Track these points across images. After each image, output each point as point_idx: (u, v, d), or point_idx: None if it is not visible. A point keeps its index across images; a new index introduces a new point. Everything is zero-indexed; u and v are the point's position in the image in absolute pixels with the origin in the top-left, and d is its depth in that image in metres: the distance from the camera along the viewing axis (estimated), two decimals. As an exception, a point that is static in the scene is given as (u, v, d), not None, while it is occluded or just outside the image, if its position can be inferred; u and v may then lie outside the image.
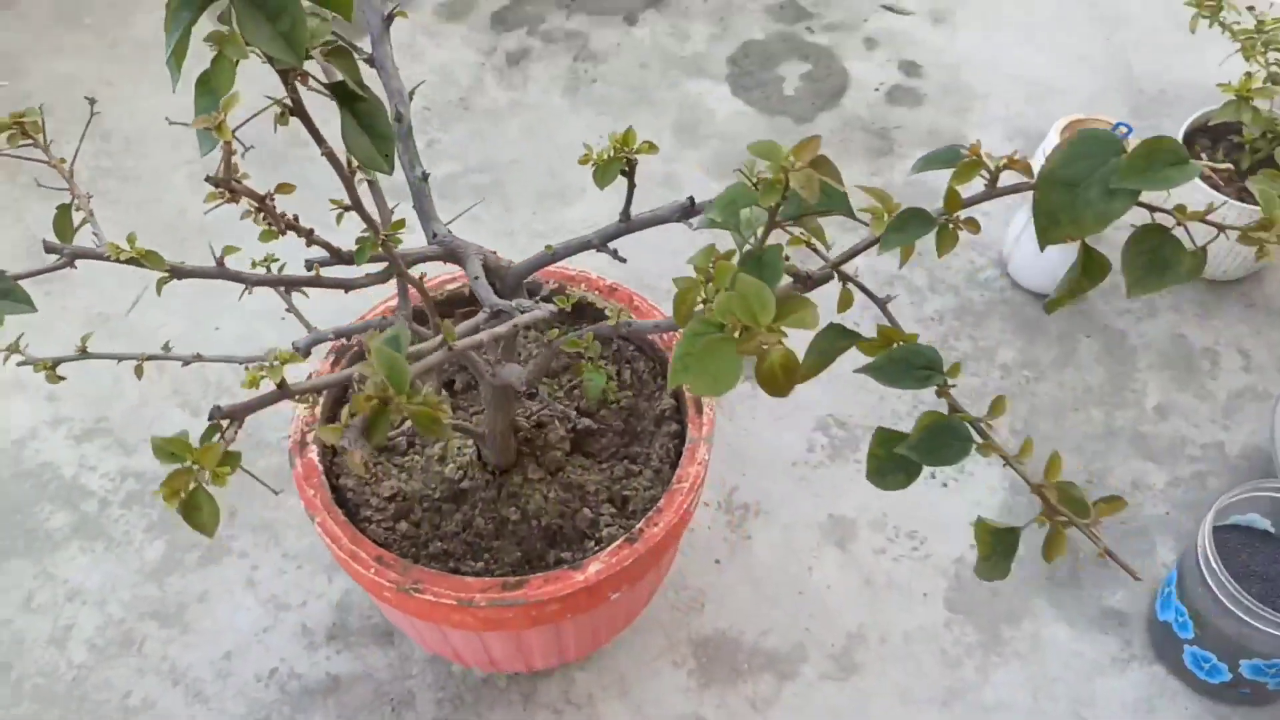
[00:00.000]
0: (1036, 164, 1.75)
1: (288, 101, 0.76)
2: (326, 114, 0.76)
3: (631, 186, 0.96)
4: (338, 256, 0.92)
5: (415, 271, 0.98)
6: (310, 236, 0.88)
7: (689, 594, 1.54)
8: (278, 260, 1.01)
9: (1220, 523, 1.42)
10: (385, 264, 0.93)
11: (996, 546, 0.78)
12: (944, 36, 2.18)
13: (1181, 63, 2.12)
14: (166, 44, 0.71)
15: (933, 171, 0.81)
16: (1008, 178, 0.79)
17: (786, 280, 0.84)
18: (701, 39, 2.18)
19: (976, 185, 0.79)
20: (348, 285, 0.93)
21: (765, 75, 2.12)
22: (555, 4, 2.24)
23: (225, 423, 0.74)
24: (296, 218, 0.86)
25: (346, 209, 0.85)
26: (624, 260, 1.03)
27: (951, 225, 0.79)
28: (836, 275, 0.86)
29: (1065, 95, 2.08)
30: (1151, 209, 0.75)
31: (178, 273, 0.87)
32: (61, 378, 1.04)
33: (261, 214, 0.76)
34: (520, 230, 1.92)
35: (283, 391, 0.77)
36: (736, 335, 0.66)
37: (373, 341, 0.69)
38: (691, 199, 0.98)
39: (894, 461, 0.80)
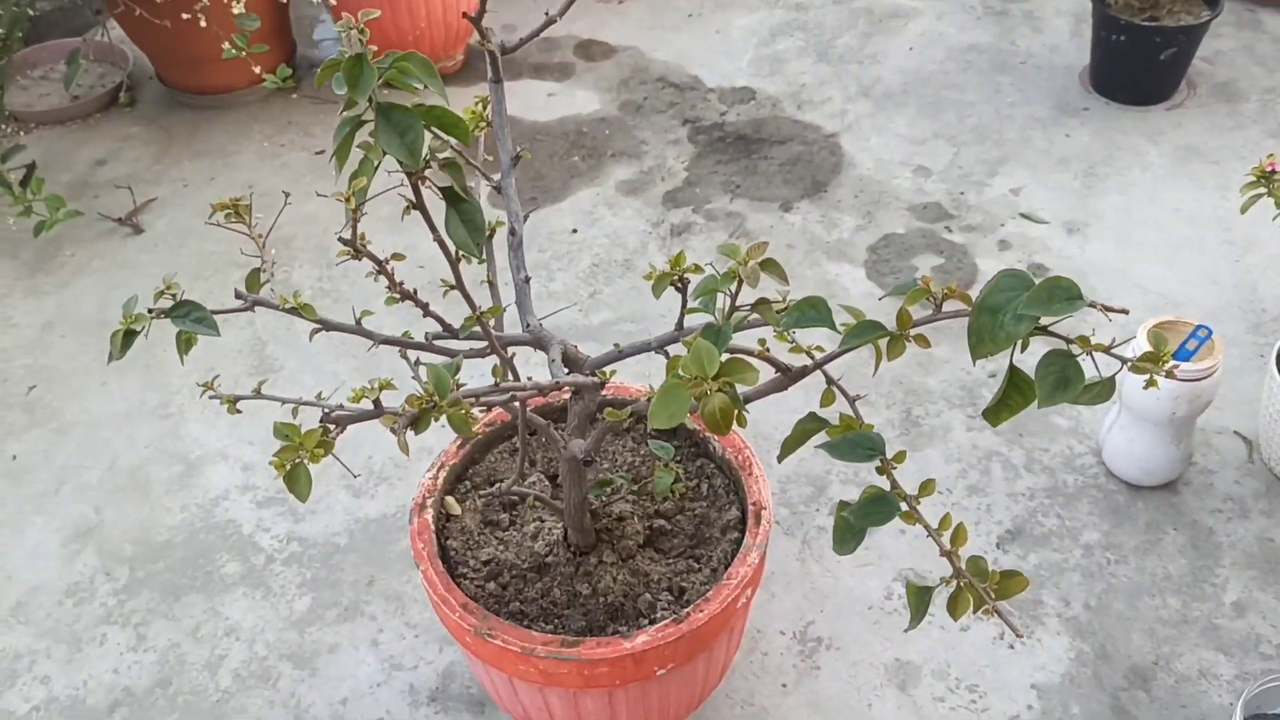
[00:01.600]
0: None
1: (411, 197, 1.03)
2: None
3: (684, 301, 1.19)
4: (448, 330, 1.19)
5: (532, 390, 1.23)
6: (426, 309, 1.14)
7: (753, 710, 1.68)
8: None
9: (1256, 712, 1.47)
10: (485, 343, 1.18)
11: (919, 603, 0.94)
12: (1075, 245, 2.35)
13: (1309, 288, 2.21)
14: (332, 147, 1.01)
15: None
16: (951, 304, 0.98)
17: (771, 372, 1.04)
18: (848, 228, 2.42)
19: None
20: (453, 354, 1.19)
21: (900, 264, 2.34)
22: (722, 189, 2.54)
23: (332, 426, 0.99)
24: (416, 291, 1.13)
25: (451, 288, 1.12)
26: (668, 356, 1.25)
27: (901, 336, 0.99)
28: (825, 378, 1.05)
29: (1185, 307, 2.20)
30: (1058, 336, 0.93)
31: (325, 325, 1.15)
32: (238, 411, 1.33)
33: (381, 276, 1.03)
34: (656, 373, 2.16)
35: (378, 409, 1.02)
36: (689, 384, 0.87)
37: (430, 365, 0.93)
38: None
39: (849, 529, 0.98)
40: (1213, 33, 2.77)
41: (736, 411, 0.86)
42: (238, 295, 1.17)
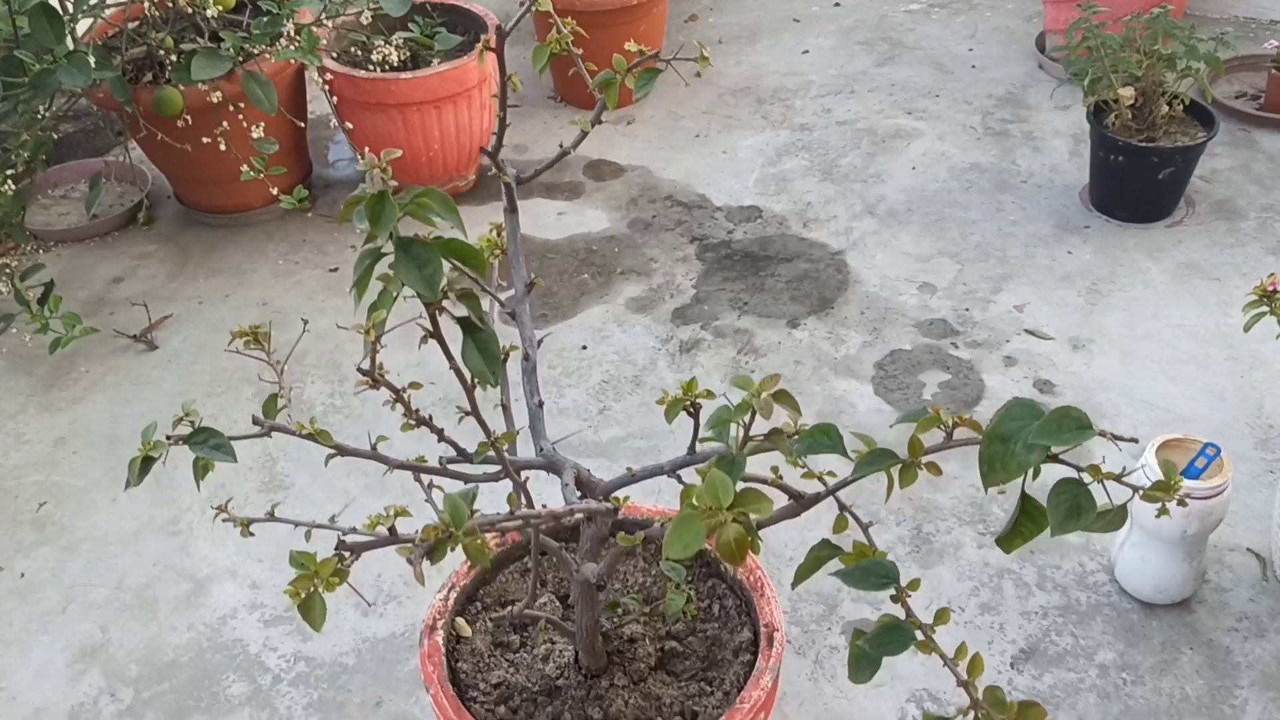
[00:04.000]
0: (1138, 479, 1.89)
1: (428, 326, 1.06)
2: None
3: (696, 426, 1.20)
4: (463, 454, 1.20)
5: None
6: (441, 435, 1.16)
7: (766, 837, 1.64)
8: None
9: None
10: (499, 467, 1.19)
11: (934, 735, 0.93)
12: (1081, 361, 2.37)
13: (1315, 404, 2.22)
14: (353, 278, 1.03)
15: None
16: (962, 432, 0.99)
17: (784, 499, 1.05)
18: (854, 345, 2.45)
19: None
20: (467, 478, 1.20)
21: (907, 380, 2.35)
22: (730, 306, 2.57)
23: (347, 554, 1.00)
24: (431, 417, 1.14)
25: (466, 414, 1.13)
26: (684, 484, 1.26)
27: (913, 465, 1.00)
28: (838, 504, 1.06)
29: (1191, 423, 2.21)
30: (1069, 464, 0.94)
31: (341, 451, 1.16)
32: (252, 533, 1.34)
33: (399, 404, 1.05)
34: (666, 489, 2.16)
35: (393, 538, 1.03)
36: (704, 514, 0.88)
37: (448, 494, 0.94)
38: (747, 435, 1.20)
39: (865, 658, 0.97)
40: (1209, 152, 2.82)
41: (750, 540, 0.87)
42: (255, 422, 1.19)
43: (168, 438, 1.12)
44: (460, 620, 1.51)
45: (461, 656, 1.50)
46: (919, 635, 0.94)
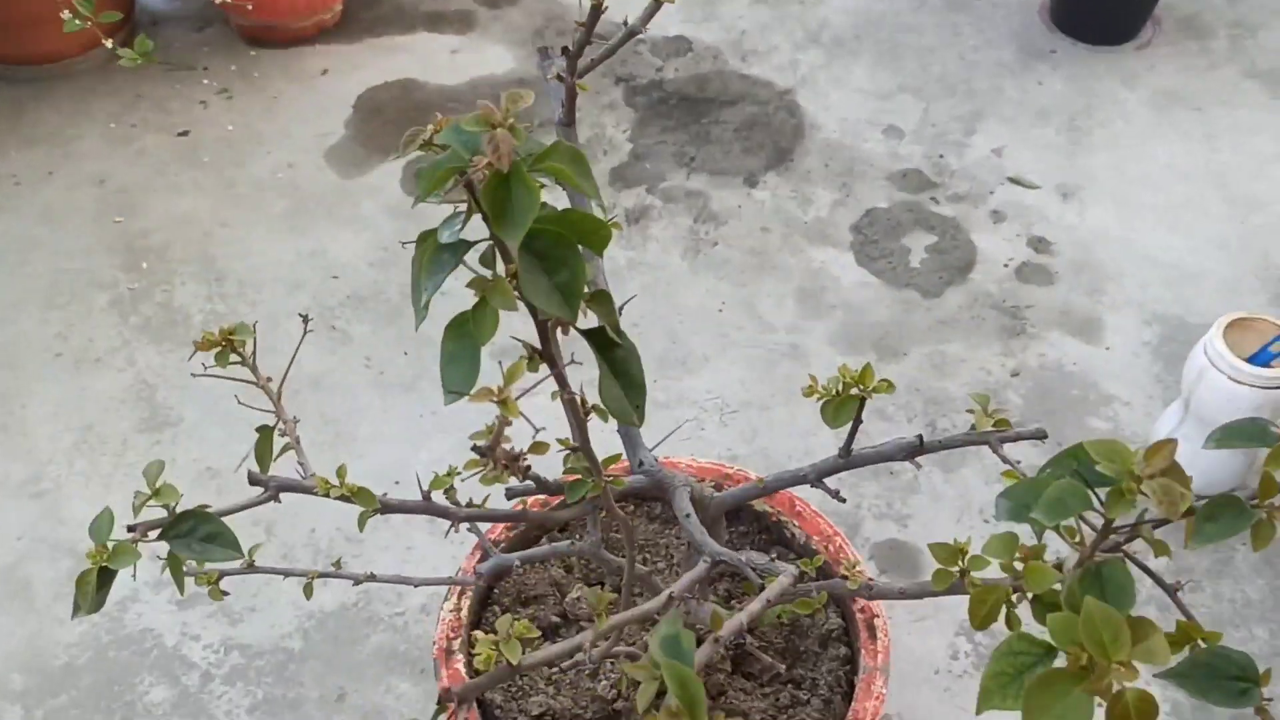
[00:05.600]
0: (1193, 361, 1.66)
1: (536, 347, 0.70)
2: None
3: (858, 422, 0.89)
4: (544, 487, 0.85)
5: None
6: (525, 473, 0.81)
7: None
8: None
9: None
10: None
11: None
12: (1073, 213, 2.13)
13: (1322, 251, 2.06)
14: (419, 285, 0.66)
15: (1072, 362, 0.73)
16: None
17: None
18: (824, 204, 2.14)
19: None
20: (550, 521, 0.86)
21: (890, 245, 2.07)
22: (675, 162, 2.21)
23: (452, 704, 0.66)
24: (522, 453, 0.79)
25: (574, 449, 0.78)
26: (843, 500, 0.96)
27: (1268, 516, 0.71)
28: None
29: (1200, 280, 2.02)
30: None
31: (387, 508, 0.80)
32: (226, 593, 0.97)
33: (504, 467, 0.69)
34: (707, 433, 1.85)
35: (515, 669, 0.70)
36: (1081, 668, 0.58)
37: (654, 644, 0.61)
38: (920, 438, 0.90)
39: None
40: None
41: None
42: (253, 481, 0.81)
43: (131, 531, 0.73)
44: (478, 633, 1.18)
45: (488, 683, 1.18)
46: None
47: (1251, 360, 1.59)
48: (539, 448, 0.69)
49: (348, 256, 2.05)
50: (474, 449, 0.64)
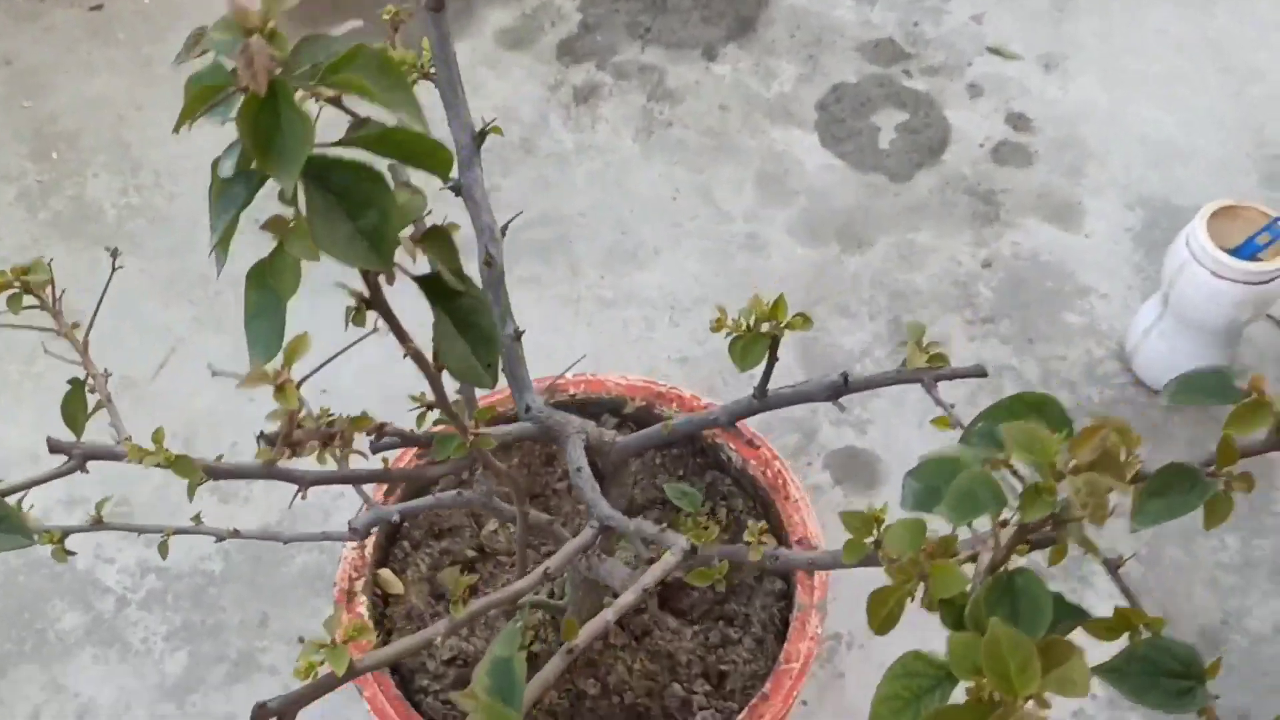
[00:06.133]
0: (1174, 253, 1.54)
1: (364, 294, 0.58)
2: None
3: (772, 361, 0.77)
4: (410, 439, 0.74)
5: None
6: (381, 430, 0.69)
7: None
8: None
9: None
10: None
11: None
12: (1056, 85, 1.98)
13: (1321, 126, 1.91)
14: (211, 224, 0.54)
15: (1048, 251, 0.63)
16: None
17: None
18: (788, 79, 1.98)
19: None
20: (418, 478, 0.75)
21: (858, 124, 1.93)
22: (628, 33, 2.05)
23: (272, 725, 0.56)
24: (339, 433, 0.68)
25: (430, 407, 0.67)
26: (843, 410, 0.85)
27: (1226, 487, 0.61)
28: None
29: (1190, 159, 1.88)
30: None
31: (213, 473, 0.69)
32: (71, 552, 0.88)
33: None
34: (586, 296, 1.74)
35: (343, 677, 0.60)
36: (983, 703, 0.48)
37: (482, 671, 0.52)
38: (845, 375, 0.79)
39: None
40: None
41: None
42: (52, 448, 0.70)
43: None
44: (385, 572, 1.09)
45: (395, 625, 1.09)
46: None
47: (1236, 253, 1.47)
48: (360, 423, 0.58)
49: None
50: (259, 438, 0.53)
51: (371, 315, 0.58)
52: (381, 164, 0.52)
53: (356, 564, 1.10)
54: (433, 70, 0.76)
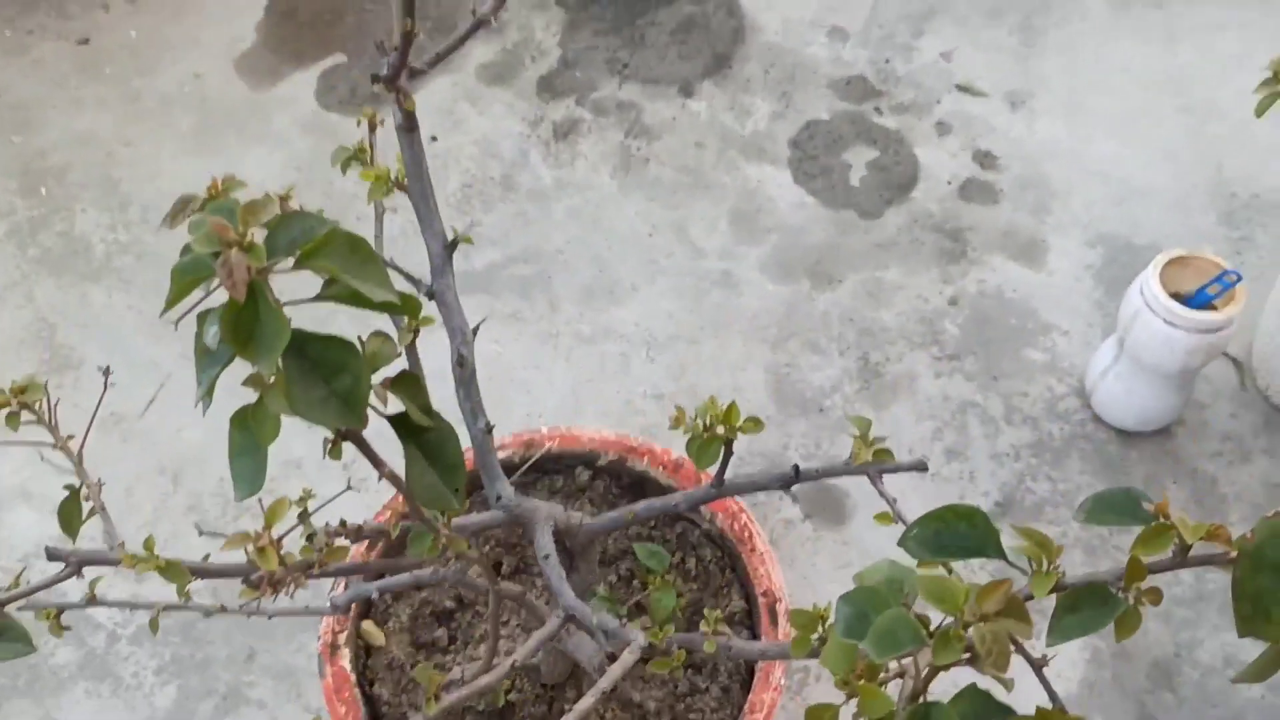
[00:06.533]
0: (1129, 299, 1.60)
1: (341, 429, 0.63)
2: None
3: (728, 455, 0.83)
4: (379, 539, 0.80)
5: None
6: (357, 534, 0.75)
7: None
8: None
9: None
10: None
11: None
12: (1022, 123, 2.03)
13: (1278, 164, 1.97)
14: (197, 378, 0.59)
15: (1012, 288, 0.68)
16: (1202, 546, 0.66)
17: None
18: (763, 116, 2.03)
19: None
20: (394, 569, 0.80)
21: (830, 160, 1.98)
22: (607, 69, 2.09)
23: None
24: (344, 522, 0.73)
25: (404, 518, 0.72)
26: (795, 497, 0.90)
27: (1135, 602, 0.67)
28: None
29: (1149, 198, 1.94)
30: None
31: (201, 573, 0.74)
32: (66, 627, 0.93)
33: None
34: (565, 332, 1.79)
35: None
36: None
37: None
38: (796, 468, 0.85)
39: None
40: None
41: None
42: (50, 555, 0.75)
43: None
44: (367, 625, 1.15)
45: (377, 676, 1.15)
46: None
47: (1189, 302, 1.53)
48: (336, 554, 0.63)
49: (260, 176, 1.94)
50: (245, 582, 0.58)
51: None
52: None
53: (339, 617, 1.15)
54: (406, 182, 0.81)
